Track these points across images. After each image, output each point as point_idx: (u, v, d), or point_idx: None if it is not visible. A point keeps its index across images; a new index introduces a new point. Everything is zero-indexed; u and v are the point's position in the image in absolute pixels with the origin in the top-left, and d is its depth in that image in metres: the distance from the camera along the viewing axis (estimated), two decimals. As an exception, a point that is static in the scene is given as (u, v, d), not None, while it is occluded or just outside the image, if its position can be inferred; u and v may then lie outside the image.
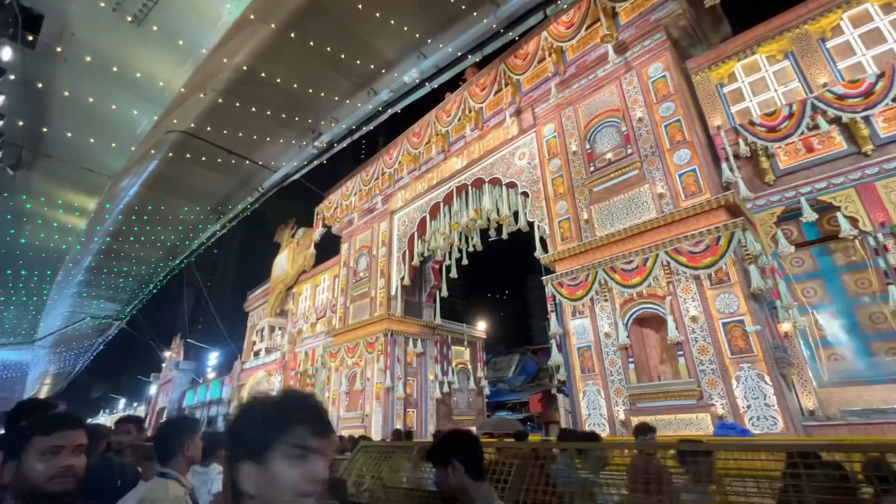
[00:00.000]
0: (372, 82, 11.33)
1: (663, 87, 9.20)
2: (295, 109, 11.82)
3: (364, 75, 11.09)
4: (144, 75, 8.15)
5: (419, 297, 15.74)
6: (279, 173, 14.65)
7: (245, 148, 12.87)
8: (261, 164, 13.89)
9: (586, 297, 8.93)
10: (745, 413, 6.69)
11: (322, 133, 12.89)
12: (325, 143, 13.11)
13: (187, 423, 2.16)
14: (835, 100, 7.54)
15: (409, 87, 11.12)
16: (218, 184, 14.59)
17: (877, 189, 7.17)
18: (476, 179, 12.89)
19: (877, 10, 7.77)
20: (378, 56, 10.52)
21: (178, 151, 11.97)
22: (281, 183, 15.35)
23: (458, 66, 10.64)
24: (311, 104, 11.81)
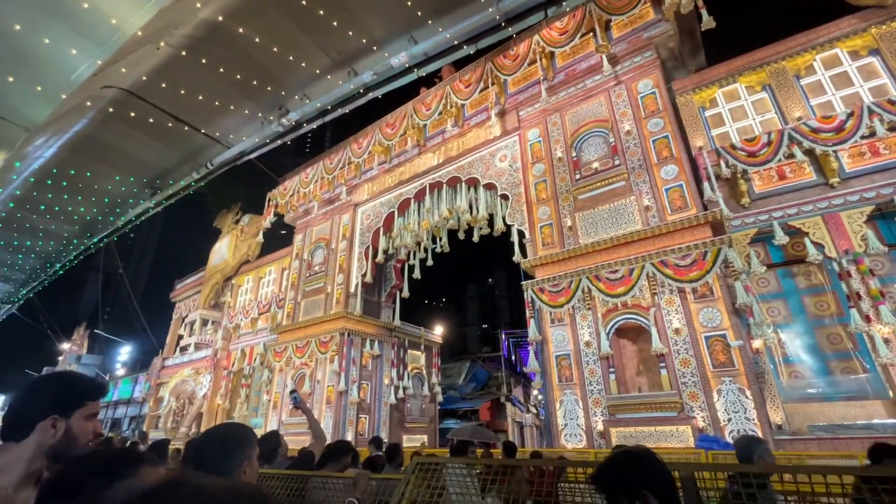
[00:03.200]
0: (354, 61, 10.51)
1: (652, 103, 9.38)
2: (265, 79, 10.67)
3: (347, 52, 10.26)
4: (93, 6, 6.76)
5: (378, 296, 14.93)
6: (233, 150, 13.21)
7: (199, 117, 11.42)
8: (214, 138, 12.42)
9: (568, 304, 8.78)
10: (725, 426, 6.78)
11: (290, 110, 11.78)
12: (292, 122, 12.00)
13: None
14: (809, 132, 8.04)
15: (395, 71, 10.45)
16: (159, 154, 12.84)
17: (841, 218, 7.69)
18: (452, 178, 12.47)
19: (845, 56, 8.45)
20: (366, 32, 9.78)
21: (118, 110, 10.29)
22: (234, 161, 13.87)
23: (449, 56, 10.16)
24: (284, 76, 10.74)
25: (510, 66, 11.43)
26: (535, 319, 9.20)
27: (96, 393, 1.38)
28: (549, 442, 8.59)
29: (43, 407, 1.27)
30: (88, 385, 1.38)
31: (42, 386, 1.33)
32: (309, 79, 10.96)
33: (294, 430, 12.41)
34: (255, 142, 12.69)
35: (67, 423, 1.27)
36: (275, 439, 3.28)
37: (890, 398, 6.78)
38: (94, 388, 1.39)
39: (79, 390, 1.34)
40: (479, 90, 11.92)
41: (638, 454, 1.40)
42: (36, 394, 1.31)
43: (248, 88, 10.90)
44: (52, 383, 1.34)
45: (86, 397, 1.34)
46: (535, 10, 9.06)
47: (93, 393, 1.37)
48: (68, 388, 1.34)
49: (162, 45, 9.21)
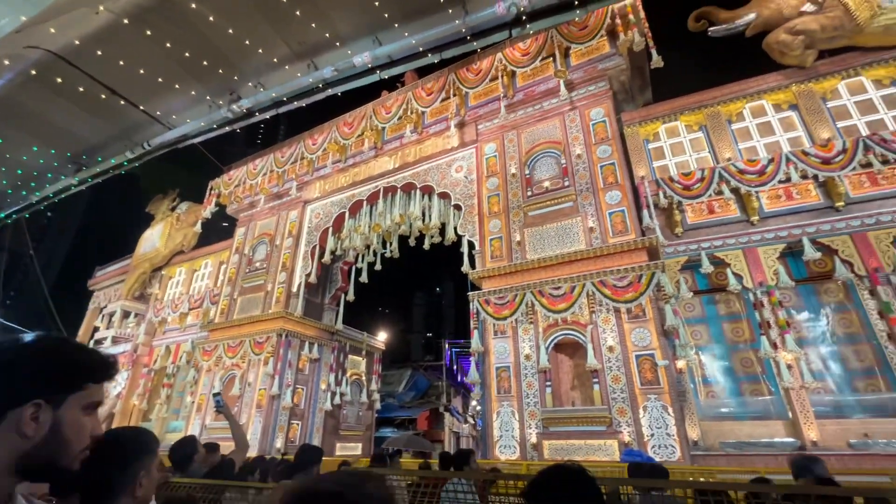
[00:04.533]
0: (315, 54, 10.20)
1: (602, 130, 9.89)
2: (216, 61, 10.07)
3: (308, 44, 9.93)
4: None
5: (322, 298, 14.45)
6: (175, 132, 12.33)
7: (139, 92, 10.55)
8: (154, 117, 11.54)
9: (512, 317, 8.94)
10: (648, 441, 7.15)
11: (242, 97, 11.22)
12: (243, 109, 11.40)
13: None
14: (737, 173, 8.81)
15: (357, 70, 10.28)
16: (88, 127, 11.69)
17: (758, 253, 8.45)
18: (407, 183, 12.40)
19: (770, 108, 9.38)
20: (330, 27, 9.53)
21: (43, 74, 9.27)
22: (175, 144, 12.92)
23: (413, 62, 10.13)
24: (238, 60, 10.20)
25: (473, 79, 11.63)
26: (478, 330, 9.28)
27: (104, 372, 0.94)
28: (484, 453, 8.64)
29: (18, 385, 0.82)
30: (94, 359, 0.93)
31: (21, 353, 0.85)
32: (265, 66, 10.51)
33: (218, 434, 11.60)
34: (200, 126, 11.93)
35: (56, 415, 0.84)
36: (190, 445, 3.03)
37: (789, 419, 7.47)
38: (102, 364, 0.94)
39: (80, 365, 0.90)
40: (441, 99, 12.01)
41: (570, 470, 1.40)
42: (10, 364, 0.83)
43: (197, 68, 10.26)
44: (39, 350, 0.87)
45: (88, 377, 0.90)
46: (501, 29, 9.25)
47: (99, 372, 0.93)
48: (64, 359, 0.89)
49: (101, 10, 8.45)
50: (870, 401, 7.40)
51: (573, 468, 1.39)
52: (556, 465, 1.41)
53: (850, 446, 6.84)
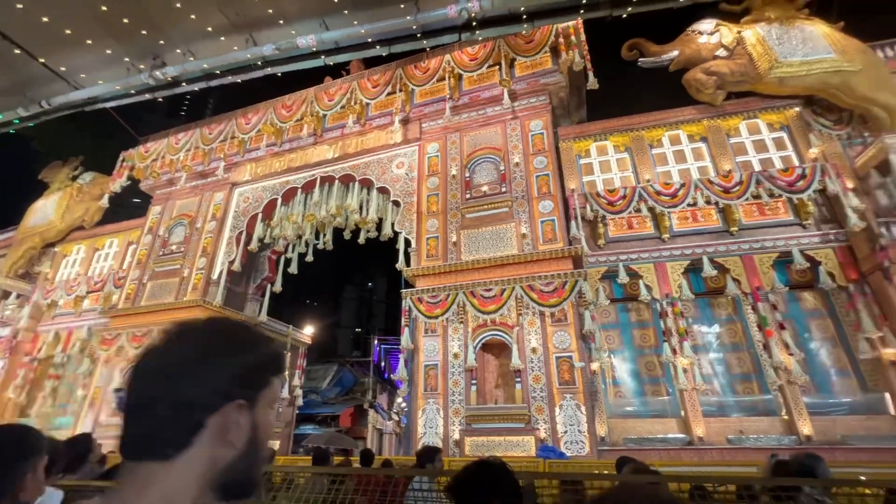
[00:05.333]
0: (255, 29, 9.63)
1: (540, 142, 10.38)
2: (140, 20, 9.14)
3: (248, 17, 9.36)
4: None
5: (246, 287, 13.65)
6: (83, 92, 11.00)
7: (40, 42, 9.28)
8: (58, 72, 10.20)
9: (443, 316, 9.09)
10: (562, 438, 7.65)
11: (167, 63, 10.27)
12: (167, 77, 10.44)
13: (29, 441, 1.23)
14: (654, 193, 9.68)
15: (301, 52, 9.84)
16: (-30, 75, 10.10)
17: (667, 268, 9.36)
18: (346, 175, 12.10)
19: (685, 138, 10.41)
20: (274, 2, 9.04)
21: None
22: (81, 106, 11.54)
23: (360, 52, 9.91)
24: (166, 23, 9.35)
25: (420, 77, 11.64)
26: (409, 328, 9.32)
27: (282, 363, 0.81)
28: (407, 449, 8.70)
29: (217, 386, 0.66)
30: (274, 348, 0.78)
31: (217, 342, 0.70)
32: (198, 34, 9.72)
33: (116, 432, 10.54)
34: (114, 89, 10.75)
35: (253, 417, 0.69)
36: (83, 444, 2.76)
37: (681, 417, 8.37)
38: (279, 354, 0.80)
39: (268, 355, 0.75)
40: (387, 93, 11.88)
41: (492, 465, 1.49)
42: (210, 356, 0.68)
43: (116, 26, 9.23)
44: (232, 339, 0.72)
45: (273, 370, 0.76)
46: (451, 32, 9.38)
47: (280, 363, 0.79)
48: (256, 349, 0.73)
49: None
50: (746, 402, 8.51)
51: (495, 463, 1.48)
52: (480, 461, 1.49)
53: (728, 441, 7.82)
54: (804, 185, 8.82)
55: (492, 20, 9.01)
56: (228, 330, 0.72)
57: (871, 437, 7.38)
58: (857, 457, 7.00)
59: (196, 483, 0.63)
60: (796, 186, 8.82)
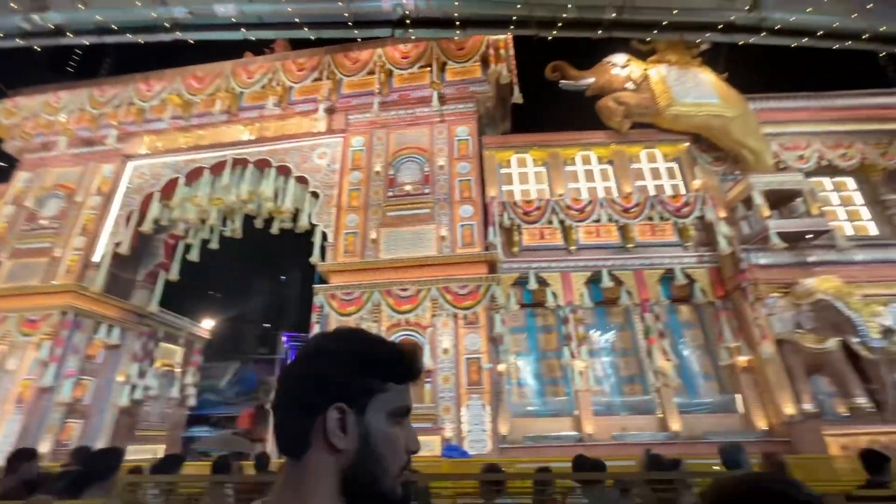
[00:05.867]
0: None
1: (465, 148, 10.61)
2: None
3: (157, -28, 8.40)
4: None
5: (135, 273, 12.17)
6: (-70, 26, 9.10)
7: None
8: None
9: (357, 314, 8.90)
10: (466, 437, 7.86)
11: (51, 8, 8.84)
12: (49, 25, 9.00)
13: None
14: (565, 208, 10.36)
15: (218, 21, 9.02)
16: None
17: (572, 278, 10.07)
18: (262, 160, 11.33)
19: (595, 159, 11.31)
20: (190, -38, 8.21)
21: None
22: (-73, 42, 9.54)
23: (286, 31, 9.36)
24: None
25: (350, 67, 11.31)
26: (320, 325, 8.98)
27: (408, 370, 0.74)
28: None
29: (318, 391, 0.69)
30: (394, 353, 0.74)
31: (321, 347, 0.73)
32: (92, -20, 8.49)
33: (-55, 438, 8.78)
34: (-26, 28, 8.98)
35: (363, 424, 0.68)
36: None
37: (575, 416, 9.04)
38: (403, 359, 0.74)
39: (380, 360, 0.72)
40: (313, 79, 11.38)
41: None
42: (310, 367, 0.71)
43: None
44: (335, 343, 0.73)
45: (389, 375, 0.72)
46: (384, 26, 9.23)
47: (401, 368, 0.73)
48: (363, 353, 0.72)
49: None
50: (630, 402, 9.44)
51: None
52: None
53: (613, 438, 8.60)
54: (688, 211, 10.04)
55: (426, 21, 9.04)
56: (342, 338, 0.74)
57: (724, 433, 8.57)
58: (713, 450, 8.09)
59: (325, 482, 0.66)
60: (682, 212, 10.01)
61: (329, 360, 0.70)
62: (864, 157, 10.53)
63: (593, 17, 8.66)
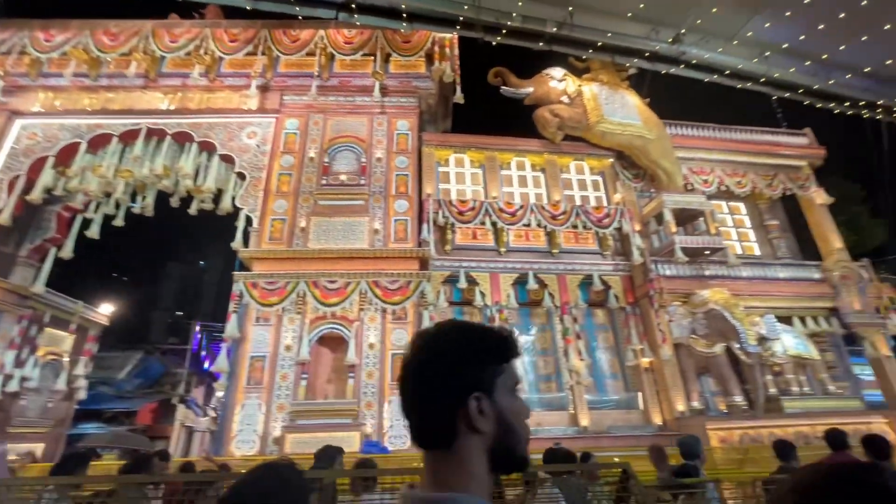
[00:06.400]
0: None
1: (404, 142, 10.54)
2: None
3: None
4: None
5: (17, 247, 10.61)
6: None
7: None
8: None
9: (280, 304, 8.49)
10: (387, 432, 7.83)
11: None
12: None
13: None
14: (498, 210, 10.67)
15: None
16: None
17: (500, 278, 10.40)
18: (182, 132, 10.40)
19: (529, 165, 11.76)
20: None
21: None
22: None
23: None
24: None
25: (289, 45, 10.75)
26: (238, 315, 8.45)
27: (513, 349, 0.82)
28: (218, 449, 7.84)
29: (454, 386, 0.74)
30: (498, 337, 0.82)
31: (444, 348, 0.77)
32: None
33: None
34: None
35: (495, 403, 0.76)
36: None
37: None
38: (506, 340, 0.82)
39: (493, 345, 0.80)
40: (246, 52, 10.66)
41: (279, 469, 1.37)
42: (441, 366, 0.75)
43: None
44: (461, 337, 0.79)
45: (503, 357, 0.80)
46: (328, 7, 8.88)
47: (508, 349, 0.81)
48: (481, 342, 0.79)
49: None
50: (546, 398, 9.97)
51: (282, 466, 1.38)
52: (265, 465, 1.36)
53: (527, 432, 9.02)
54: (608, 222, 10.80)
55: (372, 8, 8.83)
56: (456, 332, 0.80)
57: (627, 427, 9.36)
58: (615, 443, 8.79)
59: (479, 462, 0.74)
60: (603, 223, 10.74)
61: (459, 356, 0.77)
62: (755, 186, 12.02)
63: (536, 29, 9.01)
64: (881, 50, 7.07)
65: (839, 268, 10.86)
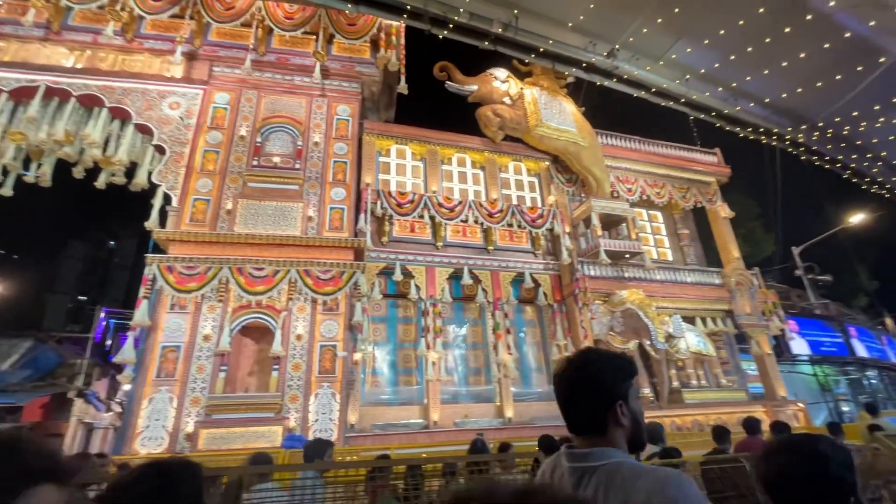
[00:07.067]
0: None
1: (344, 128, 10.22)
2: None
3: None
4: None
5: None
6: None
7: None
8: None
9: (199, 291, 7.90)
10: (312, 426, 7.60)
11: None
12: None
13: None
14: (437, 205, 10.72)
15: None
16: None
17: (436, 272, 10.47)
18: (90, 95, 9.27)
19: (470, 162, 11.93)
20: None
21: None
22: None
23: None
24: None
25: (221, 13, 9.98)
26: (149, 301, 7.75)
27: (634, 367, 1.25)
28: (119, 448, 7.16)
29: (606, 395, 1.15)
30: (626, 358, 1.27)
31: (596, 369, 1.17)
32: None
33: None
34: None
35: (630, 408, 1.16)
36: None
37: (423, 404, 9.43)
38: (631, 361, 1.26)
39: (625, 368, 1.21)
40: (171, 14, 9.74)
41: (166, 467, 1.26)
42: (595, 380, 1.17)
43: None
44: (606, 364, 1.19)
45: (631, 374, 1.21)
46: (268, -23, 8.36)
47: (632, 367, 1.24)
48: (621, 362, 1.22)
49: None
50: (474, 391, 10.22)
51: (173, 463, 1.27)
52: (150, 462, 1.24)
53: (455, 424, 9.20)
54: (542, 223, 11.26)
55: (315, -16, 8.43)
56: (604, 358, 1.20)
57: (549, 418, 9.84)
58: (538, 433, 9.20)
59: (620, 445, 1.12)
60: (536, 223, 11.18)
61: (610, 376, 1.15)
62: (671, 197, 13.13)
63: (482, 28, 9.06)
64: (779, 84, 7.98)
65: (736, 275, 12.21)
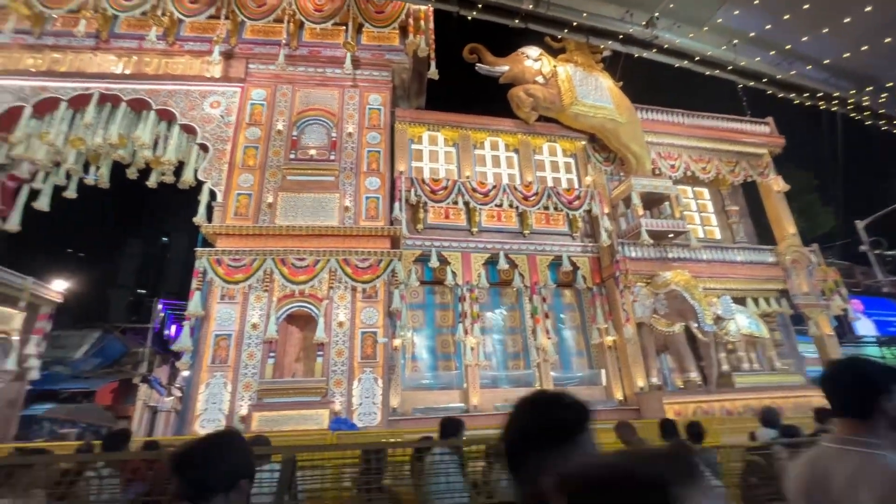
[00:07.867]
0: None
1: (376, 118, 10.28)
2: None
3: None
4: None
5: (-46, 218, 9.85)
6: None
7: None
8: None
9: (246, 282, 8.28)
10: (356, 410, 7.86)
11: None
12: None
13: None
14: (470, 190, 10.64)
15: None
16: None
17: (471, 258, 10.45)
18: (138, 99, 9.79)
19: (503, 145, 11.73)
20: None
21: None
22: None
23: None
24: None
25: (254, 10, 10.20)
26: (201, 292, 8.19)
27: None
28: (180, 429, 7.69)
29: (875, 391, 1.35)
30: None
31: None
32: None
33: None
34: None
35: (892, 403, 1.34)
36: None
37: (463, 388, 9.53)
38: None
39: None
40: (208, 15, 10.06)
41: (224, 434, 1.38)
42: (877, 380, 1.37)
43: None
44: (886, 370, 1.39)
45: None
46: (296, -30, 8.44)
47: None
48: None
49: None
50: (513, 376, 10.22)
51: (225, 434, 1.38)
52: (212, 433, 1.36)
53: (495, 409, 9.25)
54: (579, 204, 10.96)
55: (343, -25, 8.43)
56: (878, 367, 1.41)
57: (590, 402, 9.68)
58: (578, 417, 9.13)
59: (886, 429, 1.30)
60: (573, 205, 10.90)
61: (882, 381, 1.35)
62: (719, 172, 12.42)
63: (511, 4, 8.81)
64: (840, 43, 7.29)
65: (791, 252, 11.46)
